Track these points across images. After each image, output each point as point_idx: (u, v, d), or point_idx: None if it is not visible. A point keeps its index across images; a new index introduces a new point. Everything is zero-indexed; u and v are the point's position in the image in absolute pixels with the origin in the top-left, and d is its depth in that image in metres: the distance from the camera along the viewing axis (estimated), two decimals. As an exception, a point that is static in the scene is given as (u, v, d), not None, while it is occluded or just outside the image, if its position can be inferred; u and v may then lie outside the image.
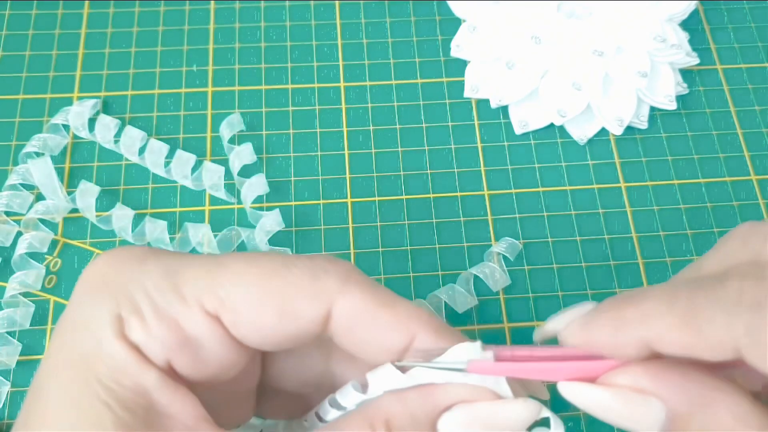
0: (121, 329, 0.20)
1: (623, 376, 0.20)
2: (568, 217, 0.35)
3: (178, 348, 0.21)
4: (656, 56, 0.36)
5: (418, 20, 0.40)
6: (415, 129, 0.37)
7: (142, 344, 0.20)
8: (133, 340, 0.20)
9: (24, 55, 0.39)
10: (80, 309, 0.21)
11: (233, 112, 0.37)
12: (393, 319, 0.21)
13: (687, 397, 0.19)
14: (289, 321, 0.21)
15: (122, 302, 0.21)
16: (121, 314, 0.20)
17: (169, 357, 0.21)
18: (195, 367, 0.21)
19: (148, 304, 0.21)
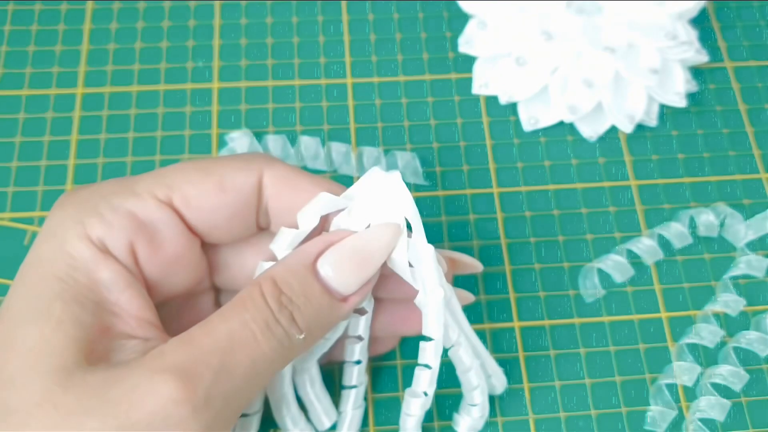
0: (82, 230, 0.23)
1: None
2: (578, 215, 0.35)
3: (137, 232, 0.24)
4: (667, 53, 0.36)
5: (426, 16, 0.40)
6: (423, 126, 0.37)
7: (103, 236, 0.23)
8: (95, 237, 0.23)
9: (27, 51, 0.38)
10: (48, 223, 0.24)
11: (239, 108, 0.37)
12: (313, 182, 0.26)
13: None
14: (229, 191, 0.25)
15: (84, 209, 0.24)
16: (83, 218, 0.24)
17: (130, 242, 0.24)
18: (154, 252, 0.24)
19: (105, 205, 0.24)
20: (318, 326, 0.24)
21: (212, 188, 0.25)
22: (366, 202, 0.25)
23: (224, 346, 0.22)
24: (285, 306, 0.23)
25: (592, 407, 0.31)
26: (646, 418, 0.31)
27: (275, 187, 0.26)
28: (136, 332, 0.23)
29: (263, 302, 0.23)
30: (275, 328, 0.23)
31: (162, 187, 0.25)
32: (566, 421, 0.30)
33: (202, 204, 0.25)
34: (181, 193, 0.25)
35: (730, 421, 0.30)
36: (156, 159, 0.35)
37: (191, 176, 0.25)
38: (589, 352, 0.32)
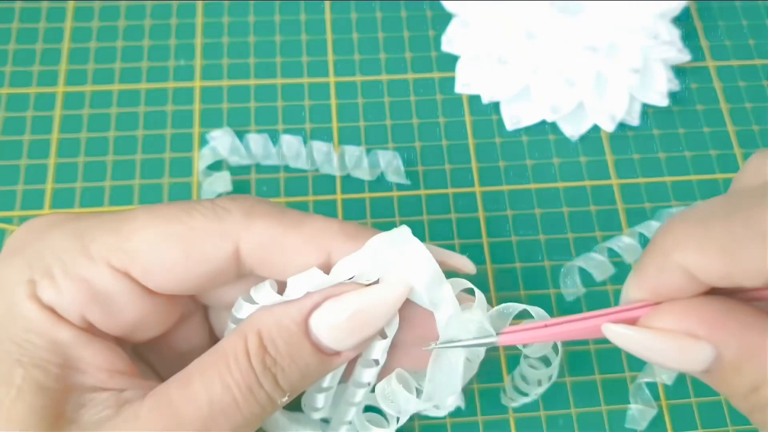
0: (32, 291, 0.21)
1: (667, 317, 0.19)
2: (560, 213, 0.35)
3: (89, 304, 0.22)
4: (648, 53, 0.36)
5: (409, 15, 0.40)
6: (405, 125, 0.37)
7: (54, 303, 0.21)
8: (45, 300, 0.21)
9: (8, 49, 0.38)
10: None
11: (221, 106, 0.36)
12: (301, 241, 0.22)
13: (742, 343, 0.19)
14: (197, 263, 0.22)
15: (34, 265, 0.22)
16: (33, 277, 0.22)
17: (82, 312, 0.22)
18: (110, 320, 0.22)
19: (57, 266, 0.22)
20: (304, 383, 0.22)
21: (177, 258, 0.22)
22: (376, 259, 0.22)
23: (205, 415, 0.20)
24: (269, 368, 0.21)
25: (572, 406, 0.31)
26: (626, 416, 0.31)
27: (257, 255, 0.22)
28: (107, 384, 0.22)
29: (247, 363, 0.21)
30: (258, 393, 0.21)
31: (119, 253, 0.22)
32: (547, 420, 0.30)
33: (164, 275, 0.22)
34: (141, 263, 0.22)
35: (710, 419, 0.31)
36: (137, 158, 0.35)
37: (152, 240, 0.22)
38: (569, 351, 0.32)
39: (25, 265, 0.22)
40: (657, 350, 0.19)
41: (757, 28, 0.41)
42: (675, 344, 0.19)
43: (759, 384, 0.19)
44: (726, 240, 0.18)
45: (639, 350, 0.20)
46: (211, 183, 0.34)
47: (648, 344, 0.20)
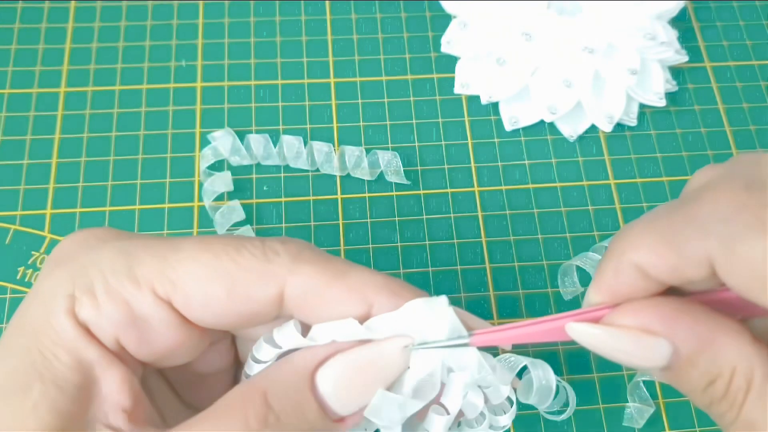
0: (71, 306, 0.21)
1: (628, 316, 0.20)
2: (558, 213, 0.35)
3: (126, 327, 0.21)
4: (646, 54, 0.36)
5: (409, 16, 0.40)
6: (405, 125, 0.37)
7: (90, 322, 0.21)
8: (82, 318, 0.21)
9: (10, 49, 0.38)
10: (40, 283, 0.22)
11: (222, 107, 0.37)
12: (345, 291, 0.22)
13: (695, 336, 0.20)
14: (241, 303, 0.22)
15: (78, 281, 0.21)
16: (75, 292, 0.21)
17: (117, 335, 0.21)
18: (143, 346, 0.22)
19: (101, 284, 0.21)
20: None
21: (221, 295, 0.21)
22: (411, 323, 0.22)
23: None
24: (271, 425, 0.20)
25: (570, 404, 0.31)
26: (624, 414, 0.31)
27: (300, 300, 0.22)
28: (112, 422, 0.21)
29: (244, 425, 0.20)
30: None
31: (164, 281, 0.21)
32: (545, 418, 0.31)
33: (206, 309, 0.22)
34: (185, 294, 0.21)
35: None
36: (139, 158, 0.36)
37: (199, 275, 0.21)
38: (567, 350, 0.32)
39: (68, 278, 0.22)
40: (618, 347, 0.20)
41: (755, 29, 0.41)
42: (634, 340, 0.20)
43: (714, 377, 0.20)
44: (670, 235, 0.19)
45: (601, 348, 0.21)
46: (212, 183, 0.34)
47: (609, 341, 0.20)
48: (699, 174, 0.21)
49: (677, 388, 0.21)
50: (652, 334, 0.20)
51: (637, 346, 0.20)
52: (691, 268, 0.19)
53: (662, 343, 0.20)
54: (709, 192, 0.19)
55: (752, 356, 0.19)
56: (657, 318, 0.20)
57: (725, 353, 0.20)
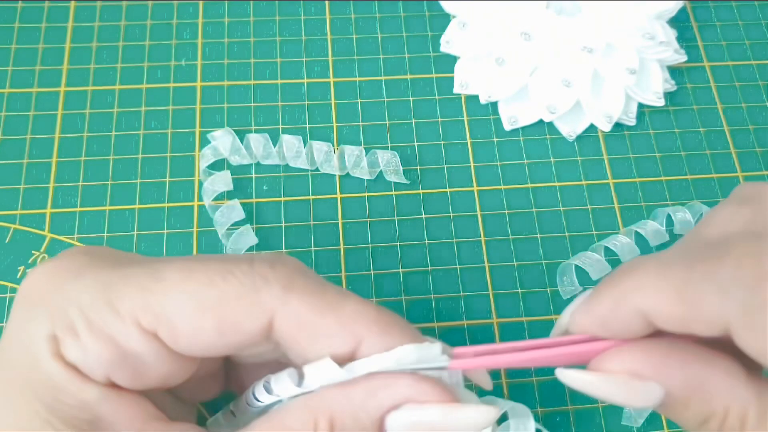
0: (55, 348, 0.20)
1: (616, 362, 0.20)
2: (557, 213, 0.35)
3: (116, 364, 0.21)
4: (645, 53, 0.36)
5: (408, 16, 0.40)
6: (404, 125, 0.37)
7: (79, 363, 0.20)
8: (70, 360, 0.20)
9: (9, 49, 0.38)
10: (17, 326, 0.21)
11: (222, 106, 0.37)
12: (336, 324, 0.21)
13: (685, 379, 0.19)
14: (228, 333, 0.21)
15: (57, 320, 0.20)
16: (56, 333, 0.20)
17: (107, 373, 0.21)
18: (136, 380, 0.21)
19: (82, 322, 0.20)
20: None
21: (208, 328, 0.21)
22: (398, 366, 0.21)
23: None
24: None
25: (569, 403, 0.31)
26: (622, 413, 0.31)
27: (288, 332, 0.21)
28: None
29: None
30: None
31: (148, 313, 0.20)
32: (543, 417, 0.31)
33: (193, 342, 0.21)
34: (171, 326, 0.21)
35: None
36: (139, 157, 0.36)
37: (184, 306, 0.20)
38: (566, 348, 0.32)
39: (46, 319, 0.20)
40: (610, 393, 0.20)
41: (754, 29, 0.41)
42: (625, 386, 0.20)
43: (707, 416, 0.19)
44: (684, 288, 0.19)
45: (593, 393, 0.20)
46: (212, 182, 0.34)
47: (601, 388, 0.20)
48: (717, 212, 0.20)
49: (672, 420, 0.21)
50: (643, 379, 0.20)
51: (628, 391, 0.20)
52: (702, 326, 0.19)
53: (653, 387, 0.20)
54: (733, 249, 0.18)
55: (745, 395, 0.19)
56: (647, 363, 0.20)
57: (717, 392, 0.19)
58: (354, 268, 0.33)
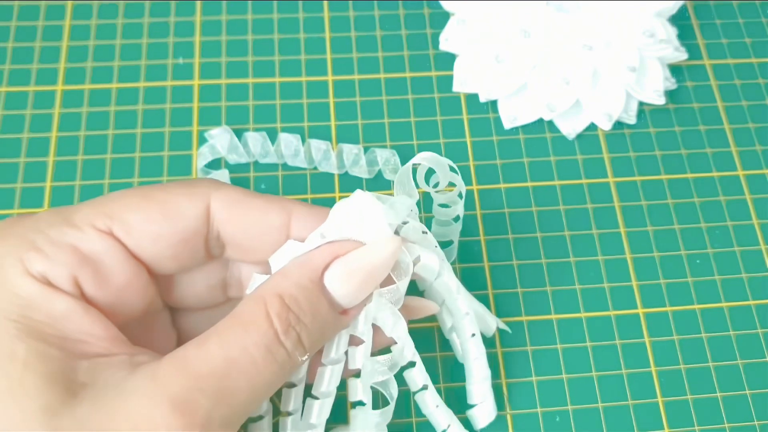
0: (23, 267, 0.22)
1: None
2: (556, 212, 0.35)
3: (80, 266, 0.22)
4: (645, 51, 0.36)
5: (407, 14, 0.40)
6: (403, 123, 0.37)
7: (46, 272, 0.22)
8: (36, 272, 0.22)
9: (6, 47, 0.38)
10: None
11: (219, 105, 0.37)
12: (265, 201, 0.24)
13: None
14: (174, 218, 0.24)
15: (20, 245, 0.22)
16: (21, 255, 0.22)
17: (74, 275, 0.22)
18: (100, 284, 0.23)
19: (43, 239, 0.22)
20: (322, 341, 0.24)
21: (155, 215, 0.23)
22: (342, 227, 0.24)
23: (222, 373, 0.21)
24: (292, 327, 0.22)
25: (569, 403, 0.31)
26: (625, 412, 0.31)
27: (225, 211, 0.24)
28: (114, 350, 0.22)
29: (267, 324, 0.22)
30: (277, 352, 0.22)
31: (101, 216, 0.23)
32: (543, 417, 0.31)
33: (144, 232, 0.23)
34: (122, 221, 0.23)
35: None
36: (136, 156, 0.35)
37: (132, 203, 0.24)
38: (565, 348, 0.32)
39: (10, 246, 0.22)
40: None
41: (754, 27, 0.41)
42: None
43: None
44: None
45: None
46: (210, 181, 0.34)
47: None
48: None
49: None
50: None
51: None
52: None
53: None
54: None
55: None
56: None
57: None
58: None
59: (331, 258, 0.24)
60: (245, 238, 0.25)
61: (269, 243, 0.25)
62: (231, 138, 0.35)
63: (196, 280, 0.26)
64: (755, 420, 0.31)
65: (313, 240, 0.24)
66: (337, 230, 0.24)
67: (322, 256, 0.24)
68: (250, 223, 0.24)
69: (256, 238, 0.25)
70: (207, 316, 0.27)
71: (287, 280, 0.23)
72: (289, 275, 0.23)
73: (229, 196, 0.24)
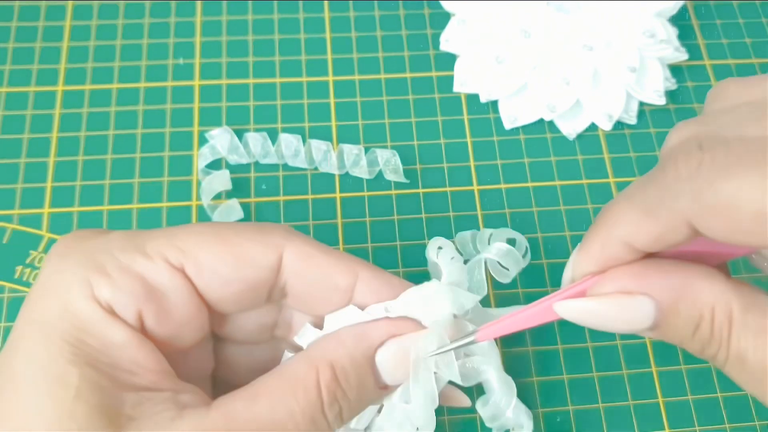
0: (89, 291, 0.22)
1: (608, 284, 0.21)
2: (557, 212, 0.35)
3: (146, 299, 0.22)
4: (645, 51, 0.36)
5: (407, 14, 0.40)
6: (404, 124, 0.37)
7: (111, 300, 0.22)
8: (103, 299, 0.22)
9: (7, 48, 0.38)
10: (47, 277, 0.22)
11: (220, 105, 0.37)
12: (336, 260, 0.24)
13: (670, 287, 0.21)
14: (246, 266, 0.23)
15: (89, 266, 0.22)
16: (88, 277, 0.22)
17: (138, 308, 0.22)
18: (162, 319, 0.23)
19: (113, 264, 0.22)
20: (356, 415, 0.24)
21: (228, 259, 0.23)
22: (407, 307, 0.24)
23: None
24: (337, 400, 0.22)
25: (570, 403, 0.31)
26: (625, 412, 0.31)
27: (296, 266, 0.24)
28: (161, 385, 0.22)
29: (316, 393, 0.22)
30: (319, 422, 0.22)
31: (174, 250, 0.23)
32: (544, 417, 0.31)
33: (215, 274, 0.23)
34: (194, 259, 0.23)
35: (706, 415, 0.31)
36: (136, 157, 0.35)
37: (206, 242, 0.23)
38: (566, 349, 0.32)
39: (78, 265, 0.22)
40: (603, 315, 0.21)
41: (754, 27, 0.41)
42: (616, 304, 0.21)
43: (697, 320, 0.21)
44: (646, 207, 0.20)
45: (589, 319, 0.22)
46: (211, 182, 0.34)
47: (594, 311, 0.22)
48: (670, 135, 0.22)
49: (671, 342, 0.22)
50: (632, 294, 0.21)
51: (621, 309, 0.21)
52: (673, 234, 0.20)
53: (642, 300, 0.21)
54: (671, 159, 0.20)
55: (727, 292, 0.20)
56: (630, 277, 0.21)
57: (701, 295, 0.20)
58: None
59: (387, 336, 0.23)
60: (309, 294, 0.24)
61: (331, 302, 0.24)
62: (231, 138, 0.35)
63: (250, 319, 0.26)
64: (756, 420, 0.31)
65: (374, 311, 0.24)
66: (402, 309, 0.24)
67: (379, 331, 0.23)
68: (316, 281, 0.24)
69: (320, 295, 0.24)
70: (247, 350, 0.27)
71: (341, 348, 0.23)
72: (344, 344, 0.23)
73: (301, 251, 0.24)
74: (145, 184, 0.35)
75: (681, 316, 0.21)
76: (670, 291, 0.21)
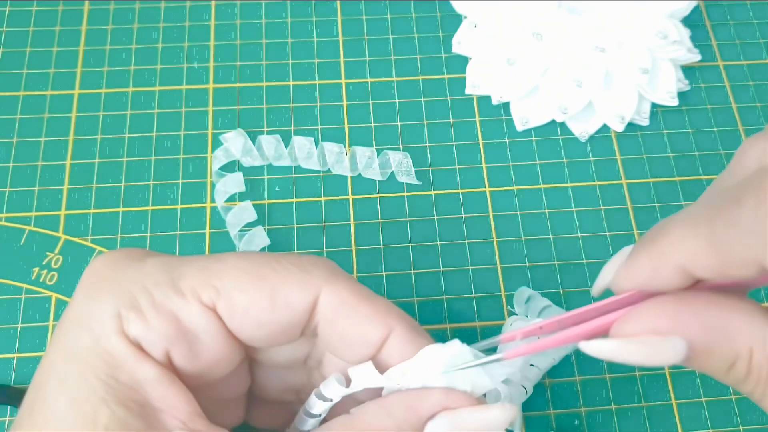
0: (119, 325, 0.21)
1: (639, 322, 0.20)
2: (569, 213, 0.35)
3: (176, 339, 0.22)
4: (657, 52, 0.36)
5: (419, 17, 0.40)
6: (416, 126, 0.37)
7: (141, 338, 0.21)
8: (132, 335, 0.21)
9: (24, 52, 0.38)
10: (79, 307, 0.22)
11: (234, 108, 0.37)
12: (372, 311, 0.23)
13: (704, 326, 0.20)
14: (280, 308, 0.22)
15: (121, 299, 0.22)
16: (120, 311, 0.21)
17: (167, 348, 0.22)
18: (191, 359, 0.22)
19: (146, 300, 0.22)
20: None
21: (263, 303, 0.22)
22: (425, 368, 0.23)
23: None
24: None
25: (582, 405, 0.31)
26: (639, 414, 0.31)
27: (329, 314, 0.23)
28: (190, 426, 0.21)
29: None
30: None
31: (208, 288, 0.22)
32: (556, 419, 0.31)
33: (248, 317, 0.22)
34: (229, 300, 0.22)
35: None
36: (151, 159, 0.36)
37: (242, 282, 0.22)
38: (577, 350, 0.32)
39: (110, 299, 0.22)
40: (635, 356, 0.20)
41: (767, 27, 0.41)
42: (648, 347, 0.20)
43: (733, 360, 0.20)
44: (713, 237, 0.19)
45: (618, 359, 0.21)
46: (224, 184, 0.34)
47: (625, 353, 0.20)
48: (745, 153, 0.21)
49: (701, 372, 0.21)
50: (663, 336, 0.20)
51: (653, 351, 0.20)
52: (738, 270, 0.19)
53: (674, 341, 0.20)
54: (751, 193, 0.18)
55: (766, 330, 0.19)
56: (662, 318, 0.20)
57: (738, 336, 0.19)
58: (366, 269, 0.33)
59: (439, 408, 0.22)
60: (339, 341, 0.23)
61: (359, 354, 0.23)
62: (245, 141, 0.35)
63: (282, 351, 0.25)
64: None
65: (392, 376, 0.23)
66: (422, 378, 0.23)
67: (431, 403, 0.22)
68: (349, 330, 0.23)
69: (350, 344, 0.23)
70: (281, 373, 0.26)
71: (390, 419, 0.22)
72: (393, 415, 0.22)
73: (339, 297, 0.23)
74: (159, 186, 0.35)
75: (715, 356, 0.20)
76: (704, 330, 0.20)
